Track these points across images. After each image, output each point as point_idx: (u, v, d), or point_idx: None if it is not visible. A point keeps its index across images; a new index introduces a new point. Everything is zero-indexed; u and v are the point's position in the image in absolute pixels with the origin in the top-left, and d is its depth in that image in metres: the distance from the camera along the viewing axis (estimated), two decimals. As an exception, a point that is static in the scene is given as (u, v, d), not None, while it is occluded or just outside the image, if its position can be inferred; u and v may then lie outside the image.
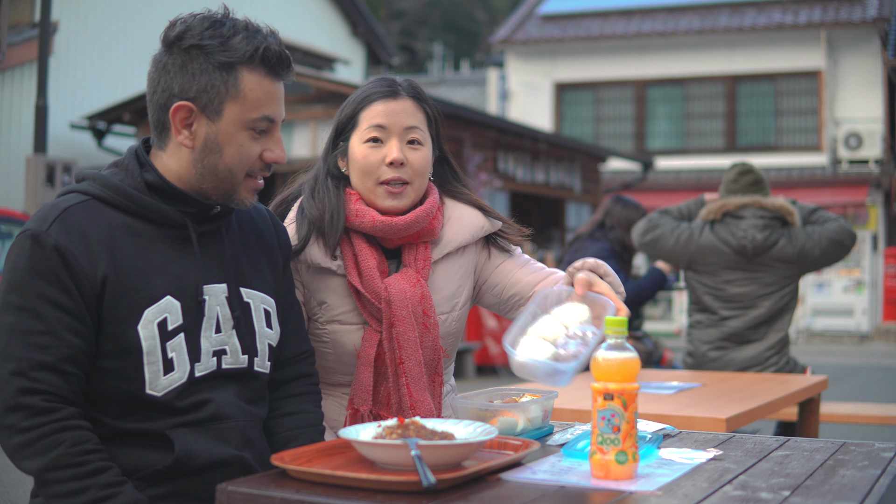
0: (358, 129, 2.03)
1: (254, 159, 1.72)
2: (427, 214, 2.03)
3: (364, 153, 2.01)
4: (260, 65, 1.68)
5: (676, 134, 19.32)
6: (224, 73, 1.66)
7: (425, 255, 2.05)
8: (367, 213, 2.00)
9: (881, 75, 17.88)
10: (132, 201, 1.67)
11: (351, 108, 2.06)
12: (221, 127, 1.68)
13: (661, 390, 3.26)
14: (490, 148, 12.38)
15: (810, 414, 3.83)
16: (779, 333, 4.23)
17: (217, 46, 1.66)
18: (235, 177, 1.71)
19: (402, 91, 2.05)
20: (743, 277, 4.23)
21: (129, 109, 11.92)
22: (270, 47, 1.69)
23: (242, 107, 1.68)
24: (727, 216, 4.25)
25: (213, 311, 1.72)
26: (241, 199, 1.74)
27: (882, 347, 16.55)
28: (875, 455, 1.68)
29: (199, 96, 1.67)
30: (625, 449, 1.44)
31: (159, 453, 1.64)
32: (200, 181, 1.71)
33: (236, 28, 1.69)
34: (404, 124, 2.02)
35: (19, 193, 11.20)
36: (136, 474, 1.64)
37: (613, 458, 1.44)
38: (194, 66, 1.67)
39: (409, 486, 1.36)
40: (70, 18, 12.53)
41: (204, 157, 1.69)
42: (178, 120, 1.69)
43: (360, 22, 18.04)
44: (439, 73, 26.71)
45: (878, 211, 17.93)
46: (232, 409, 1.72)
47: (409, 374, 1.97)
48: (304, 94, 11.45)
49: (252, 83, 1.68)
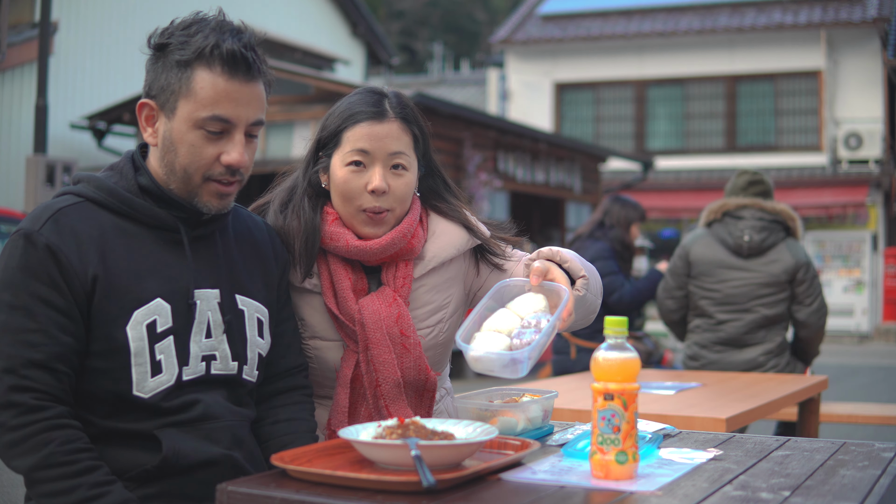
0: (340, 149, 1.94)
1: (209, 161, 1.67)
2: (404, 235, 1.95)
3: (345, 177, 1.92)
4: (214, 63, 1.64)
5: (676, 134, 19.32)
6: (180, 71, 1.65)
7: (405, 272, 1.98)
8: (342, 236, 1.93)
9: (881, 75, 17.88)
10: (125, 203, 1.68)
11: (335, 125, 1.96)
12: (174, 125, 1.67)
13: (661, 390, 3.26)
14: (490, 148, 12.37)
15: (810, 414, 3.83)
16: (777, 337, 4.22)
17: (178, 45, 1.66)
18: (192, 178, 1.68)
19: (389, 112, 1.94)
20: (738, 278, 4.23)
21: (129, 109, 11.91)
22: (225, 45, 1.64)
23: (192, 105, 1.65)
24: (727, 216, 4.29)
25: (205, 315, 1.71)
26: (203, 203, 1.70)
27: (882, 347, 16.55)
28: (875, 455, 1.68)
29: (159, 94, 1.68)
30: (625, 449, 1.44)
31: (147, 453, 1.64)
32: (167, 181, 1.71)
33: (203, 26, 1.67)
34: (389, 150, 1.92)
35: (19, 193, 11.20)
36: (125, 474, 1.64)
37: (614, 458, 1.44)
38: (159, 64, 1.68)
39: (409, 486, 1.36)
40: (70, 18, 12.54)
41: (164, 156, 1.69)
42: (144, 117, 1.71)
43: (360, 22, 18.04)
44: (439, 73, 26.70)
45: (878, 211, 17.93)
46: (220, 410, 1.72)
47: (387, 396, 1.92)
48: (304, 94, 11.45)
49: (203, 81, 1.65)
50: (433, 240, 2.03)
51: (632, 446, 1.45)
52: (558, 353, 5.18)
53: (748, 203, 4.26)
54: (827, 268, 17.96)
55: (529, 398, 1.84)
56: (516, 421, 1.76)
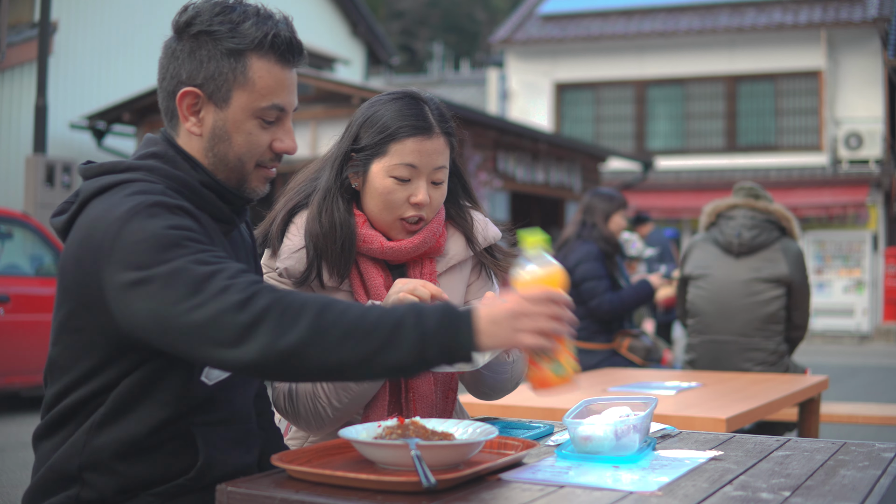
0: (384, 159, 1.94)
1: (263, 149, 1.67)
2: (434, 234, 2.01)
3: (389, 188, 1.94)
4: (269, 51, 1.64)
5: (676, 134, 19.32)
6: (232, 60, 1.62)
7: (431, 269, 2.03)
8: (375, 238, 1.96)
9: (881, 75, 17.89)
10: (196, 195, 1.64)
11: (379, 134, 1.95)
12: (229, 115, 1.64)
13: (661, 390, 3.26)
14: (490, 148, 12.38)
15: (810, 414, 3.83)
16: (770, 342, 4.19)
17: (226, 32, 1.62)
18: (245, 166, 1.67)
19: (435, 127, 1.96)
20: (731, 278, 4.23)
21: (129, 109, 11.93)
22: (280, 33, 1.64)
23: (251, 94, 1.63)
24: (720, 217, 4.35)
25: None
26: (252, 189, 1.71)
27: (882, 347, 16.55)
28: (875, 455, 1.68)
29: (206, 83, 1.63)
30: (560, 360, 1.48)
31: (179, 459, 1.59)
32: (213, 171, 1.67)
33: (247, 13, 1.65)
34: (435, 165, 1.95)
35: (19, 193, 11.21)
36: (151, 488, 1.58)
37: (550, 370, 1.48)
38: (202, 52, 1.63)
39: (409, 486, 1.36)
40: (70, 18, 12.54)
41: (214, 146, 1.66)
42: (185, 106, 1.65)
43: (360, 22, 18.05)
44: (439, 73, 26.71)
45: (879, 211, 17.93)
46: (250, 411, 1.74)
47: (417, 391, 1.95)
48: (304, 94, 11.45)
49: (261, 70, 1.63)
50: (454, 239, 2.09)
51: (568, 357, 1.49)
52: (557, 354, 5.16)
53: (740, 203, 4.31)
54: (827, 268, 17.97)
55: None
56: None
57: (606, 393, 3.18)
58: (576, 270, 4.98)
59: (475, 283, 2.14)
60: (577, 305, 5.06)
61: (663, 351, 5.43)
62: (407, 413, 1.96)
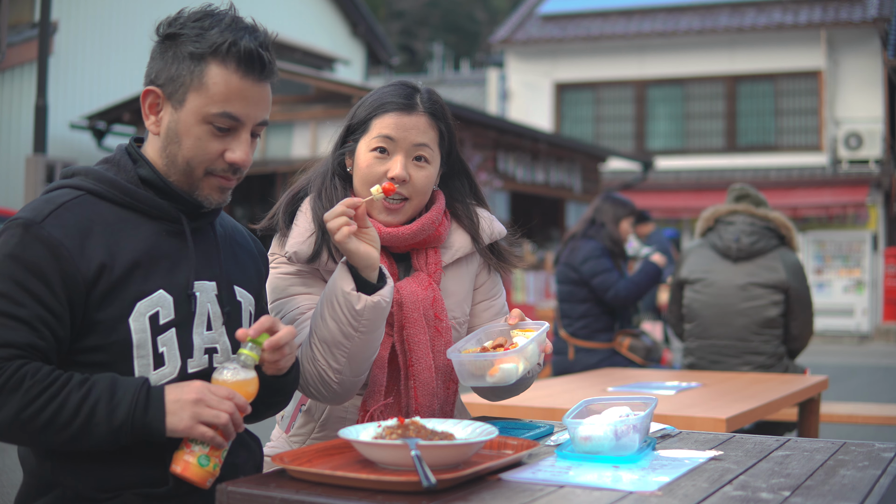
0: (367, 135, 2.00)
1: (213, 156, 1.67)
2: (433, 222, 2.02)
3: (368, 161, 1.98)
4: (229, 59, 1.64)
5: (676, 134, 19.32)
6: (192, 63, 1.64)
7: (436, 259, 2.04)
8: (373, 225, 1.96)
9: (881, 75, 17.88)
10: (127, 195, 1.66)
11: (365, 112, 2.02)
12: (182, 116, 1.66)
13: (661, 390, 3.26)
14: (490, 148, 12.38)
15: (810, 414, 3.83)
16: (768, 345, 4.18)
17: (192, 36, 1.65)
18: (194, 171, 1.68)
19: (419, 105, 2.00)
20: (729, 282, 4.22)
21: (129, 109, 11.92)
22: (243, 44, 1.64)
23: (203, 99, 1.64)
24: (718, 222, 4.36)
25: (205, 307, 1.70)
26: (204, 196, 1.70)
27: (882, 347, 16.55)
28: (875, 455, 1.68)
29: (167, 83, 1.66)
30: (211, 456, 1.55)
31: (155, 469, 1.60)
32: (166, 172, 1.69)
33: (220, 21, 1.66)
34: (413, 141, 1.98)
35: (19, 193, 11.20)
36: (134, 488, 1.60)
37: (197, 459, 1.53)
38: (170, 53, 1.66)
39: (409, 486, 1.36)
40: (70, 18, 12.53)
41: (167, 146, 1.68)
42: (148, 105, 1.69)
43: (360, 22, 18.04)
44: (439, 73, 26.69)
45: (878, 211, 17.93)
46: None
47: (418, 378, 1.96)
48: (304, 94, 11.45)
49: (217, 77, 1.64)
50: (459, 232, 2.11)
51: (217, 461, 1.56)
52: (557, 354, 5.20)
53: (739, 209, 4.32)
54: (827, 268, 17.97)
55: (521, 336, 1.85)
56: (516, 366, 1.77)
57: (606, 393, 3.19)
58: (583, 267, 5.06)
59: (485, 284, 2.15)
60: (584, 303, 5.11)
61: (663, 350, 5.44)
62: (407, 399, 1.97)
